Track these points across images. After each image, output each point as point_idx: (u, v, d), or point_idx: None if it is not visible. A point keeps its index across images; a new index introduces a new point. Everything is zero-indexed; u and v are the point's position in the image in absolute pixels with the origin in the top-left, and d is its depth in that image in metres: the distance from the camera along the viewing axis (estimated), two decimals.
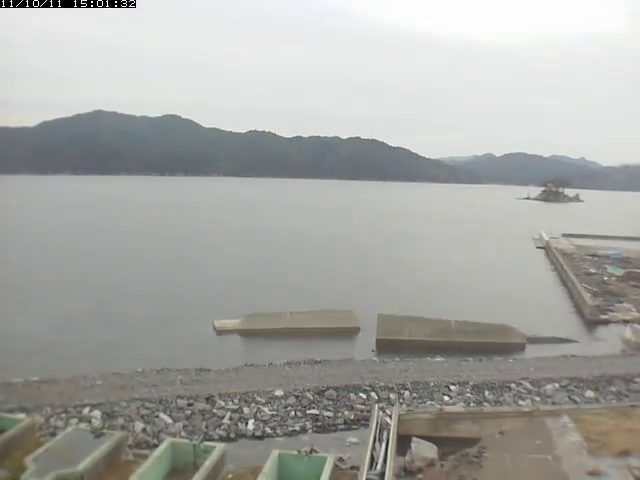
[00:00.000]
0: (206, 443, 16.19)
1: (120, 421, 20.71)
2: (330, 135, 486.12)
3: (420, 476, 16.97)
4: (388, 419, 19.47)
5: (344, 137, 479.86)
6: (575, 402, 23.44)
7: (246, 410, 22.25)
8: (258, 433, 20.94)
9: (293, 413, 22.37)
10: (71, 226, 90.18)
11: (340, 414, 22.46)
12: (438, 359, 29.50)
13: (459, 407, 22.50)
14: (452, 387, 25.07)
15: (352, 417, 22.36)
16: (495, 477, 16.13)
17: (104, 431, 16.70)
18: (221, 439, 19.73)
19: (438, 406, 22.36)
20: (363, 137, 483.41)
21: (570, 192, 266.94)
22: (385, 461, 16.23)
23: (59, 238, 76.18)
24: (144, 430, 20.35)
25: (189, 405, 22.30)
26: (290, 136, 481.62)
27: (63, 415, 20.95)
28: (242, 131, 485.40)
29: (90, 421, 20.27)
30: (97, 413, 21.10)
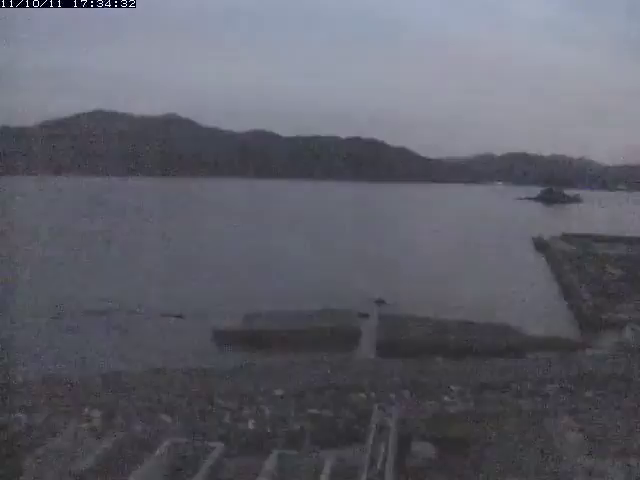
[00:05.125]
0: (206, 443, 16.18)
1: (120, 421, 20.70)
2: (330, 135, 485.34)
3: (420, 476, 16.97)
4: (388, 419, 19.45)
5: (344, 137, 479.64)
6: (575, 402, 23.43)
7: (246, 410, 22.24)
8: (258, 433, 20.91)
9: (293, 413, 22.36)
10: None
11: (340, 414, 22.43)
12: (438, 359, 29.48)
13: (459, 407, 22.49)
14: (452, 387, 25.06)
15: (352, 417, 22.35)
16: (495, 477, 16.14)
17: (104, 431, 16.69)
18: (221, 439, 19.69)
19: (438, 406, 22.34)
20: (363, 137, 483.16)
21: (570, 192, 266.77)
22: (385, 461, 16.22)
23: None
24: (144, 430, 20.33)
25: (189, 405, 22.28)
26: (290, 136, 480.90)
27: (63, 415, 20.93)
28: (242, 131, 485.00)
29: (90, 421, 20.26)
30: (97, 413, 21.11)
